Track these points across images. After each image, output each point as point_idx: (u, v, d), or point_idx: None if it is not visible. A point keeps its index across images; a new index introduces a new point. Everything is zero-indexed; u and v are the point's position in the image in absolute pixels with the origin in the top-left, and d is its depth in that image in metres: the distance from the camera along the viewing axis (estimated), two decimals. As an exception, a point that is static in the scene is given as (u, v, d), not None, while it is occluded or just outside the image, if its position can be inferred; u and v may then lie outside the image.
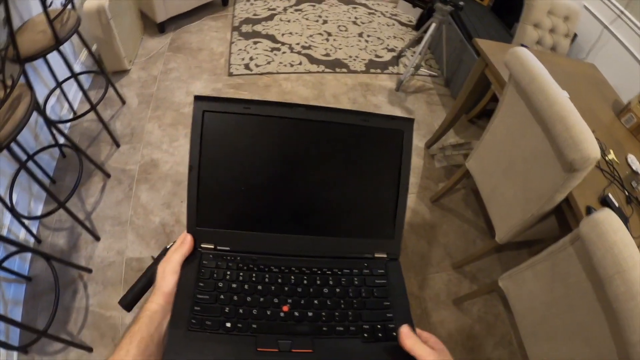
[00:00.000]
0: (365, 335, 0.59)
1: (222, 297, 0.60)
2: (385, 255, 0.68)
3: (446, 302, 2.36)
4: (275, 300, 0.60)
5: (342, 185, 0.68)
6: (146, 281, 0.84)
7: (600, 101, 2.43)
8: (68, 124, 2.78)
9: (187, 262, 0.63)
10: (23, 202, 2.21)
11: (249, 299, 0.60)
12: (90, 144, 2.72)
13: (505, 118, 2.06)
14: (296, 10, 4.43)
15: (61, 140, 2.56)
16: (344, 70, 3.74)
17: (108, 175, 2.55)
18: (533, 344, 1.76)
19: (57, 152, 2.62)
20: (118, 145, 2.72)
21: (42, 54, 2.06)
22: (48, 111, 2.52)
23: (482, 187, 2.28)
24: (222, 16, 4.09)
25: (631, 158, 2.06)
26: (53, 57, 2.33)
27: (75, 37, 2.27)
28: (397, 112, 3.44)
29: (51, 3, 2.05)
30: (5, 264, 1.90)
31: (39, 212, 2.34)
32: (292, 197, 0.67)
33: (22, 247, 1.88)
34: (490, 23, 3.93)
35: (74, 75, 2.46)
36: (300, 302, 0.60)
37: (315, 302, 0.61)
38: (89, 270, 2.15)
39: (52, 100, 2.62)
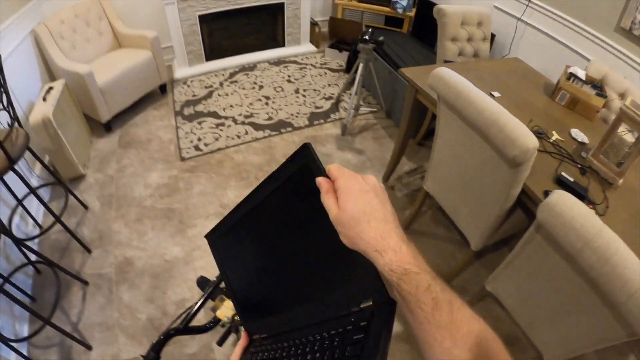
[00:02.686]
0: None
1: None
2: (371, 303, 0.56)
3: (445, 320, 2.45)
4: None
5: (302, 245, 0.66)
6: None
7: (532, 89, 2.61)
8: (36, 240, 2.82)
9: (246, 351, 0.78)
10: (7, 325, 2.22)
11: None
12: (62, 256, 2.76)
13: (445, 135, 2.20)
14: (232, 82, 4.62)
15: (32, 257, 2.61)
16: (289, 129, 3.92)
17: (86, 283, 2.59)
18: (535, 332, 1.82)
19: (31, 269, 2.64)
20: (89, 251, 2.78)
21: None
22: (14, 230, 2.56)
23: (444, 204, 2.41)
24: (164, 104, 4.23)
25: (574, 132, 2.21)
26: (9, 176, 2.38)
27: (26, 153, 2.32)
28: (348, 155, 3.63)
29: None
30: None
31: (25, 333, 2.34)
32: (283, 275, 0.70)
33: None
34: (413, 48, 4.23)
35: (33, 191, 2.51)
36: None
37: None
38: (87, 381, 2.18)
39: (16, 218, 2.66)
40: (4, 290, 1.88)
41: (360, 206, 0.50)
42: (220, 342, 1.24)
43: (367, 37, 3.43)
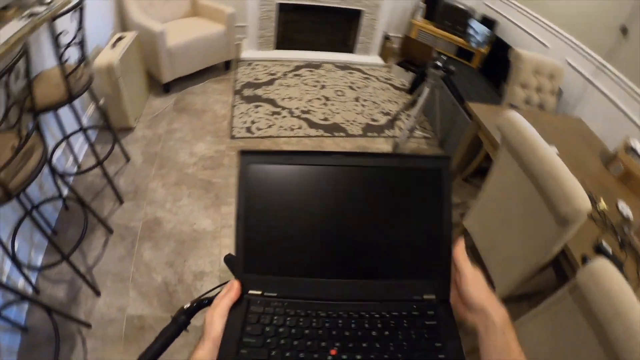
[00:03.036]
0: None
1: (268, 340, 0.59)
2: (434, 297, 0.64)
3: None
4: (323, 344, 0.58)
5: (385, 228, 0.66)
6: (164, 341, 0.84)
7: (588, 153, 2.55)
8: (72, 178, 2.82)
9: (234, 308, 0.63)
10: (24, 251, 2.21)
11: (295, 342, 0.59)
12: (93, 199, 2.75)
13: (499, 177, 2.14)
14: (295, 75, 4.60)
15: (65, 192, 2.60)
16: (342, 134, 3.85)
17: (111, 231, 2.56)
18: None
19: (61, 204, 2.64)
20: (122, 202, 2.76)
21: (55, 107, 2.11)
22: (54, 163, 2.55)
23: (480, 244, 2.33)
24: (225, 79, 4.24)
25: (621, 204, 2.14)
26: (62, 110, 2.38)
27: (85, 93, 2.32)
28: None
29: (67, 59, 2.11)
30: (3, 313, 1.88)
31: (38, 263, 2.33)
32: (337, 243, 0.66)
33: (23, 297, 1.87)
34: (479, 84, 4.13)
35: (83, 129, 2.53)
36: (349, 346, 0.58)
37: (364, 345, 0.58)
38: (89, 326, 2.12)
39: (58, 152, 2.66)
40: (32, 216, 1.85)
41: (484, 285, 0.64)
42: None
43: (439, 63, 3.35)
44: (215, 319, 0.60)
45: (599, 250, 1.84)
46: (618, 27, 3.16)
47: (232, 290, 0.63)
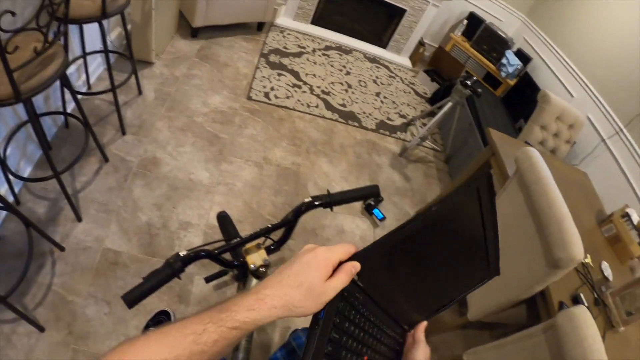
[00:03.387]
0: None
1: (344, 338, 0.59)
2: (407, 328, 0.79)
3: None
4: (363, 349, 0.63)
5: (445, 261, 0.72)
6: (156, 283, 0.82)
7: (585, 207, 2.59)
8: (79, 96, 2.72)
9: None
10: (14, 158, 2.13)
11: (350, 342, 0.60)
12: (96, 123, 2.67)
13: (502, 207, 2.13)
14: (324, 54, 4.53)
15: (69, 109, 2.52)
16: (356, 124, 3.81)
17: (106, 160, 2.49)
18: None
19: (62, 120, 2.56)
20: (124, 133, 2.68)
21: (85, 21, 2.00)
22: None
23: None
24: (254, 40, 4.16)
25: (604, 265, 2.22)
26: (89, 26, 2.29)
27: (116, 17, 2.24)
28: (396, 177, 3.50)
29: None
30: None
31: (26, 174, 2.26)
32: (415, 279, 0.71)
33: (6, 205, 1.80)
34: (498, 113, 4.12)
35: (106, 51, 2.43)
36: (375, 356, 0.65)
37: (379, 358, 0.67)
38: (62, 248, 2.06)
39: (72, 67, 2.58)
40: (34, 124, 1.77)
41: None
42: (209, 280, 1.22)
43: (469, 82, 3.31)
44: (317, 264, 0.57)
45: (576, 300, 1.90)
46: None
47: (349, 249, 0.61)
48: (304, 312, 0.55)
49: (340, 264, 0.59)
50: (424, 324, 0.78)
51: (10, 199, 2.12)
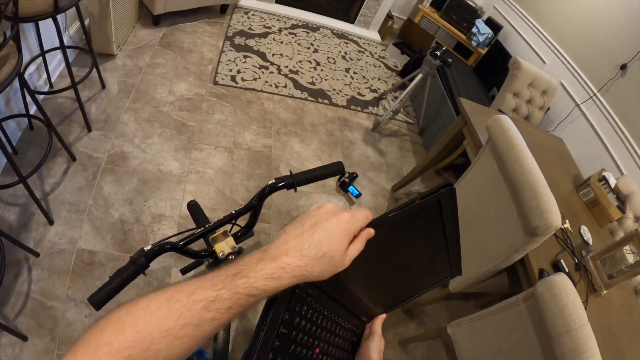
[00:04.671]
0: None
1: (294, 332, 0.59)
2: (365, 319, 0.80)
3: (392, 342, 2.42)
4: (315, 342, 0.64)
5: (405, 261, 0.72)
6: (121, 281, 0.81)
7: (562, 173, 2.62)
8: (42, 97, 2.68)
9: None
10: (-23, 167, 2.11)
11: (300, 336, 0.60)
12: (60, 122, 2.63)
13: (476, 177, 2.17)
14: (290, 33, 4.49)
15: (32, 111, 2.48)
16: (326, 101, 3.80)
17: (74, 159, 2.46)
18: None
19: (26, 122, 2.52)
20: (89, 130, 2.64)
21: (38, 18, 1.95)
22: (26, 78, 2.42)
23: None
24: (218, 23, 4.09)
25: (584, 229, 2.25)
26: (44, 24, 2.23)
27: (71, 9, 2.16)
28: (370, 152, 3.52)
29: None
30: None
31: (-7, 182, 2.23)
32: (373, 276, 0.71)
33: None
34: (470, 82, 4.12)
35: (63, 48, 2.38)
36: (327, 348, 0.67)
37: (332, 350, 0.68)
38: (37, 254, 2.05)
39: (32, 67, 2.53)
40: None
41: None
42: (185, 271, 1.21)
43: (438, 52, 3.30)
44: (341, 234, 0.54)
45: (556, 267, 1.92)
46: (619, 63, 3.20)
47: (369, 214, 0.58)
48: (318, 279, 0.53)
49: None
50: (382, 316, 0.80)
51: (-22, 208, 2.10)
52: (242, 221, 1.12)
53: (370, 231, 0.57)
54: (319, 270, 0.52)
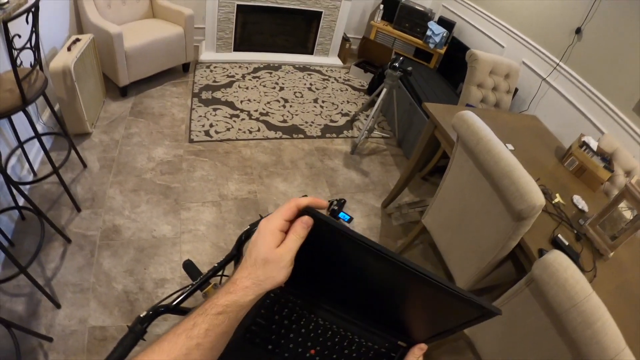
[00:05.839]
0: None
1: (273, 326, 0.75)
2: (405, 345, 0.78)
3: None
4: (309, 344, 0.75)
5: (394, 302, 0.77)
6: (122, 351, 0.87)
7: (543, 149, 2.66)
8: (28, 186, 2.77)
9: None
10: (-22, 266, 2.18)
11: (291, 335, 0.75)
12: (50, 207, 2.71)
13: (455, 175, 2.22)
14: (254, 77, 4.62)
15: (21, 202, 2.56)
16: (301, 135, 3.91)
17: (69, 241, 2.54)
18: None
19: (17, 214, 2.59)
20: (79, 210, 2.73)
21: (9, 113, 2.05)
22: (9, 172, 2.49)
23: (438, 241, 2.42)
24: (183, 82, 4.22)
25: (576, 198, 2.26)
26: (17, 116, 2.32)
27: (39, 98, 2.26)
28: (353, 174, 3.62)
29: (21, 63, 2.05)
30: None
31: (-5, 277, 2.29)
32: (357, 289, 0.76)
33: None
34: (437, 84, 4.25)
35: (38, 136, 2.48)
36: (324, 352, 0.76)
37: (334, 356, 0.76)
38: (50, 339, 2.10)
39: (13, 160, 2.60)
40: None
41: None
42: None
43: (397, 64, 3.43)
44: (263, 236, 0.60)
45: (555, 243, 1.91)
46: (573, 28, 3.33)
47: (289, 209, 0.62)
48: (274, 282, 0.59)
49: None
50: (420, 346, 0.76)
51: (-14, 305, 2.16)
52: (229, 269, 1.19)
53: (304, 219, 0.60)
54: (261, 274, 0.58)
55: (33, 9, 2.05)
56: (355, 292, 0.76)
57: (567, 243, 1.92)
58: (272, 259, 0.59)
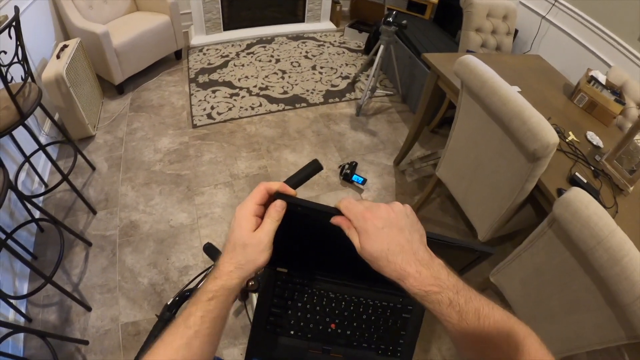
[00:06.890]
0: (380, 351, 0.80)
1: (289, 312, 0.79)
2: None
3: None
4: (327, 319, 0.79)
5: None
6: (155, 340, 0.88)
7: (551, 88, 2.58)
8: (41, 198, 2.78)
9: (265, 278, 0.81)
10: (7, 282, 2.19)
11: (309, 315, 0.79)
12: (66, 215, 2.72)
13: (464, 123, 2.17)
14: (248, 53, 4.55)
15: (37, 214, 2.57)
16: (304, 104, 3.85)
17: (89, 244, 2.55)
18: (534, 327, 1.80)
19: (35, 227, 2.61)
20: (95, 212, 2.74)
21: (9, 130, 2.05)
22: (20, 187, 2.51)
23: (455, 192, 2.38)
24: (178, 70, 4.17)
25: (590, 134, 2.20)
26: (18, 132, 2.32)
27: (37, 109, 2.26)
28: (361, 136, 3.57)
29: (12, 79, 2.05)
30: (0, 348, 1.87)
31: (25, 291, 2.32)
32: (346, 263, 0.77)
33: (15, 328, 1.86)
34: (434, 35, 4.12)
35: (42, 148, 2.49)
36: (344, 323, 0.79)
37: (354, 324, 0.80)
38: (86, 342, 2.14)
39: (22, 175, 2.61)
40: (6, 245, 1.82)
41: (377, 246, 0.57)
42: None
43: (390, 19, 3.34)
44: (238, 222, 0.63)
45: (573, 182, 1.87)
46: None
47: (257, 192, 0.64)
48: (256, 265, 0.62)
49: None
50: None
51: (21, 319, 2.18)
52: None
53: (277, 203, 0.63)
54: (242, 258, 0.61)
55: (14, 23, 2.03)
56: (348, 259, 0.72)
57: (585, 181, 1.88)
58: (250, 242, 0.61)
